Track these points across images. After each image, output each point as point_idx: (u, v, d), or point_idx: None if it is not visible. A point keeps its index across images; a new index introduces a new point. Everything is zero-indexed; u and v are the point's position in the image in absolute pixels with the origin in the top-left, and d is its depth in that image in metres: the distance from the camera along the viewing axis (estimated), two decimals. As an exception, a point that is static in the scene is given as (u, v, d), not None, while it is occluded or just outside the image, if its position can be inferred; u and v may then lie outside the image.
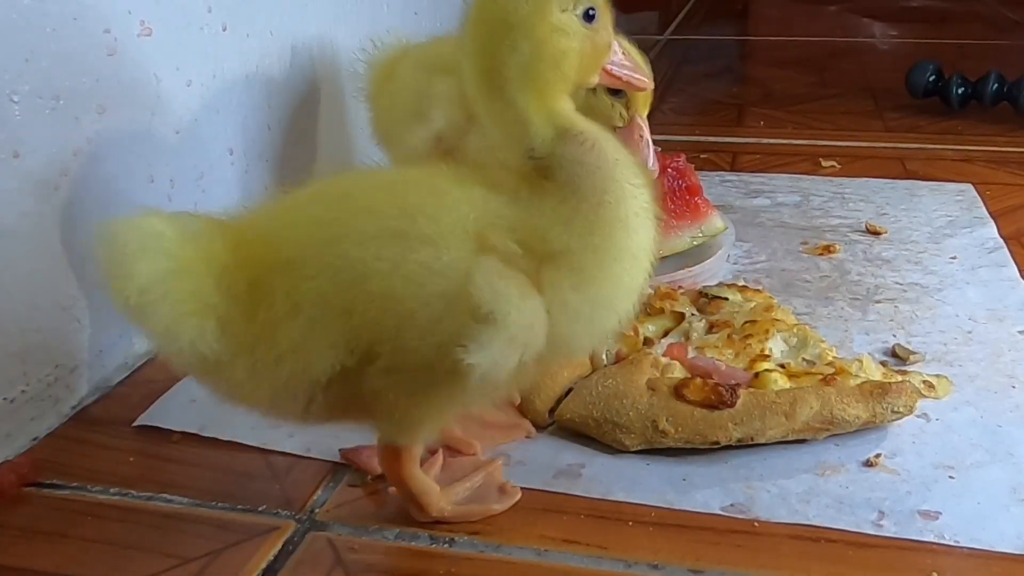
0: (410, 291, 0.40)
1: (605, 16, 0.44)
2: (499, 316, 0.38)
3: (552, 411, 0.57)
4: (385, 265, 0.40)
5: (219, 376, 0.43)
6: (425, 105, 0.65)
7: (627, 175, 0.43)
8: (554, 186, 0.42)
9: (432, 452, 0.54)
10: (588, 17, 0.42)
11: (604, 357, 0.59)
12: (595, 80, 0.45)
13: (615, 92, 0.61)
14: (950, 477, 0.52)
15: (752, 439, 0.53)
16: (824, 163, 1.05)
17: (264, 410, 0.45)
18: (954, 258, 0.79)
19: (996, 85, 1.20)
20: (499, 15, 0.41)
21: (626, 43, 0.49)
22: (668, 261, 0.75)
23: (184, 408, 0.59)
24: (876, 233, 0.85)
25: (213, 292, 0.40)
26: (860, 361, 0.58)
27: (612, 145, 0.43)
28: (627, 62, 0.46)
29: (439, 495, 0.49)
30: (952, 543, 0.47)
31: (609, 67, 0.45)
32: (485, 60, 0.42)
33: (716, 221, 0.78)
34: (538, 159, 0.42)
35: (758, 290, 0.67)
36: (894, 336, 0.67)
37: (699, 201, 0.77)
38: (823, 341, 0.60)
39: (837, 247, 0.82)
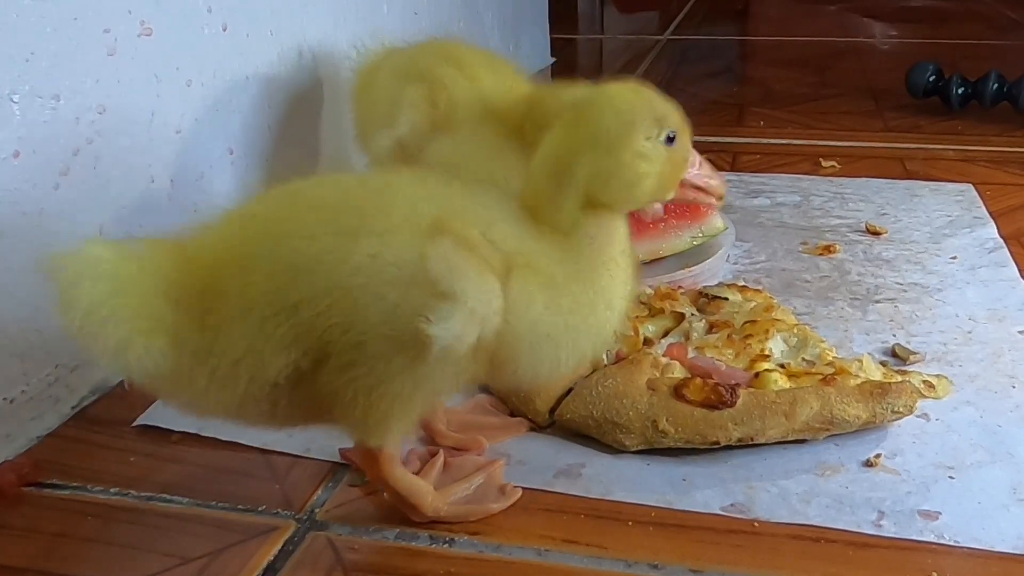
0: (359, 282, 0.40)
1: (684, 135, 0.46)
2: (458, 291, 0.39)
3: (552, 411, 0.57)
4: (333, 258, 0.40)
5: (181, 389, 0.43)
6: (394, 111, 0.66)
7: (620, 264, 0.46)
8: (559, 236, 0.44)
9: (433, 454, 0.54)
10: (669, 140, 0.45)
11: (604, 357, 0.59)
12: (672, 195, 0.47)
13: None
14: (950, 477, 0.52)
15: (752, 439, 0.53)
16: (824, 163, 1.05)
17: (232, 417, 0.45)
18: (954, 258, 0.79)
19: (996, 85, 1.20)
20: (590, 128, 0.44)
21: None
22: (668, 261, 0.75)
23: (184, 408, 0.59)
24: (876, 233, 0.85)
25: (161, 307, 0.40)
26: (860, 361, 0.58)
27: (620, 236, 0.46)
28: (704, 171, 0.48)
29: (434, 495, 0.49)
30: (952, 543, 0.47)
31: (686, 178, 0.48)
32: (565, 159, 0.44)
33: (716, 221, 0.78)
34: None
35: (758, 290, 0.67)
36: (894, 336, 0.67)
37: (699, 201, 0.77)
38: (823, 341, 0.60)
39: (837, 247, 0.82)
